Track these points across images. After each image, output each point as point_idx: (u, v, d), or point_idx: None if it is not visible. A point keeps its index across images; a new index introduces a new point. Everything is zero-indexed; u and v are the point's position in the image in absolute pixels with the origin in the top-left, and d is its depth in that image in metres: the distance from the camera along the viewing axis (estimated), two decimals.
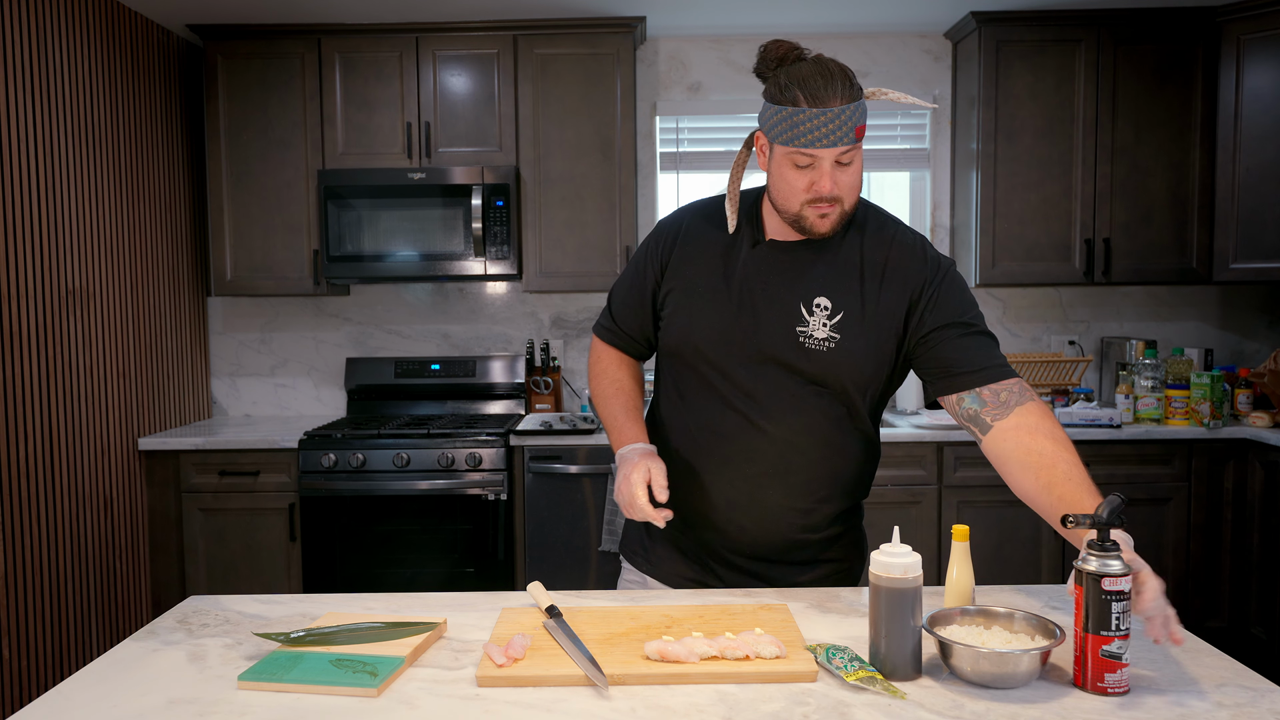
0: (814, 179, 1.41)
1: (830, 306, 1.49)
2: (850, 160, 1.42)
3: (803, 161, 1.41)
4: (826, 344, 1.48)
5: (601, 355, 1.73)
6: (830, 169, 1.40)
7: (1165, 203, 3.55)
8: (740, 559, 1.60)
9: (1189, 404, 3.40)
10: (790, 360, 1.49)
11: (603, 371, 1.70)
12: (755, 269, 1.53)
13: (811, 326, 1.49)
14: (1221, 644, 3.30)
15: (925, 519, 3.31)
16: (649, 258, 1.62)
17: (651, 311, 1.63)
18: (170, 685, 1.20)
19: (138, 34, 3.38)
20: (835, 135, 1.37)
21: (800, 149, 1.39)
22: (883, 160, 3.93)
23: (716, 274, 1.54)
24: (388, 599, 1.52)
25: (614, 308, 1.69)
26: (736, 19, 3.64)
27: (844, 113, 1.36)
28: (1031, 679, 1.16)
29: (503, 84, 3.52)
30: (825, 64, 1.40)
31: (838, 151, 1.39)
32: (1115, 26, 3.49)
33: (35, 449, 2.81)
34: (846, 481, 1.59)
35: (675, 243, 1.59)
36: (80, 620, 3.00)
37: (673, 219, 1.63)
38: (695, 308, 1.54)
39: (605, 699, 1.14)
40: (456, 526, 3.27)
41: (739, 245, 1.55)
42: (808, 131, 1.37)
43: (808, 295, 1.50)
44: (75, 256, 3.01)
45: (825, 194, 1.41)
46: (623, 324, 1.68)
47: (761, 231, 1.55)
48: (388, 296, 3.93)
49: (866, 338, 1.49)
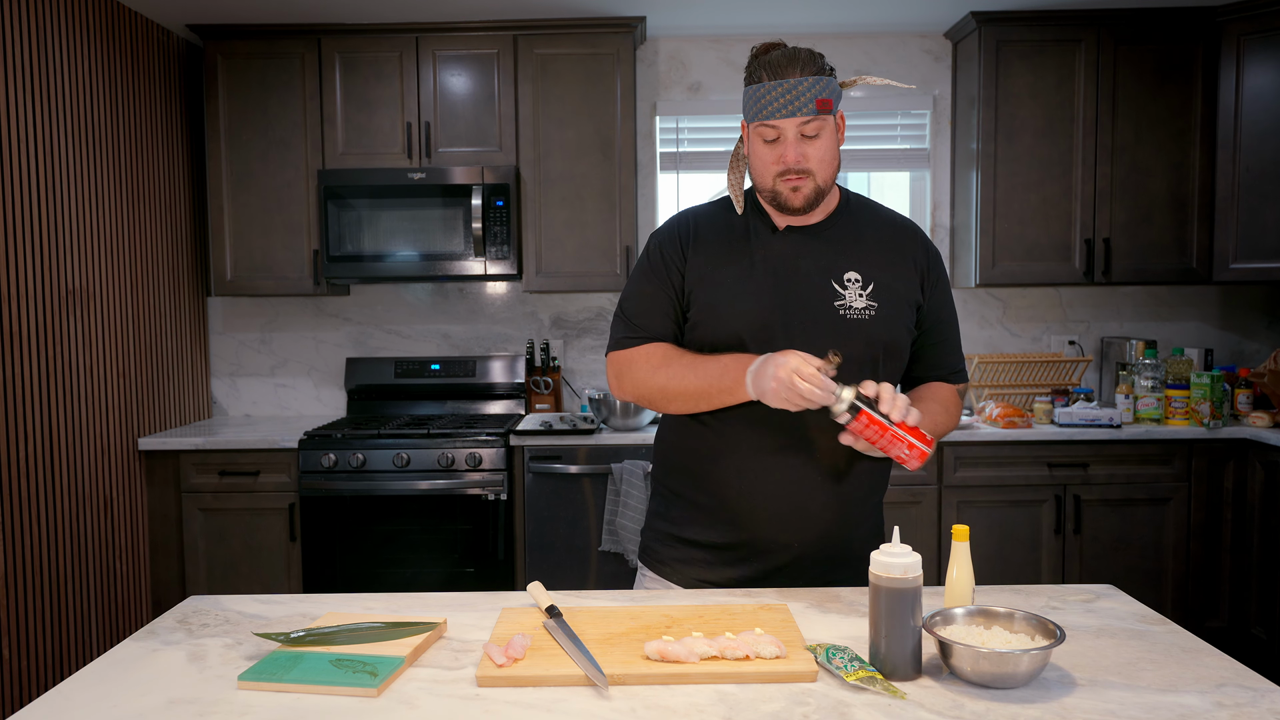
0: (781, 151, 1.47)
1: (861, 279, 1.53)
2: (816, 133, 1.47)
3: (769, 135, 1.47)
4: (867, 312, 1.52)
5: (634, 356, 1.60)
6: (795, 140, 1.46)
7: (1165, 203, 3.55)
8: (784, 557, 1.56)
9: (1189, 404, 3.40)
10: (834, 333, 1.50)
11: (652, 366, 1.57)
12: (779, 253, 1.55)
13: (849, 298, 1.52)
14: (1221, 644, 3.30)
15: (925, 519, 3.31)
16: (666, 263, 1.59)
17: (679, 314, 1.59)
18: (170, 685, 1.20)
19: (138, 34, 3.38)
20: (794, 105, 1.44)
21: (764, 121, 1.46)
22: (883, 160, 3.94)
23: (742, 264, 1.55)
24: (388, 599, 1.52)
25: (638, 320, 1.61)
26: (736, 19, 3.64)
27: (801, 84, 1.43)
28: (1031, 679, 1.16)
29: (503, 84, 3.52)
30: (795, 49, 1.47)
31: (799, 122, 1.45)
32: (1115, 26, 3.49)
33: (35, 449, 2.81)
34: (883, 470, 1.61)
35: (690, 242, 1.59)
36: (80, 620, 3.00)
37: (677, 223, 1.63)
38: (731, 295, 1.53)
39: (605, 699, 1.14)
40: (456, 526, 3.27)
41: (756, 234, 1.57)
42: (769, 104, 1.45)
43: (837, 271, 1.53)
44: (75, 256, 3.01)
45: (790, 164, 1.46)
46: (651, 330, 1.60)
47: (771, 221, 1.58)
48: (388, 296, 3.93)
49: (899, 305, 1.54)
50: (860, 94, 3.87)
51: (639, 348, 1.60)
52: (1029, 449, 3.31)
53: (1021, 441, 3.31)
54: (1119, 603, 1.48)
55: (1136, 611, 1.43)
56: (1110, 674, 1.20)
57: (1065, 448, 3.31)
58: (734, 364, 1.47)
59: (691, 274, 1.57)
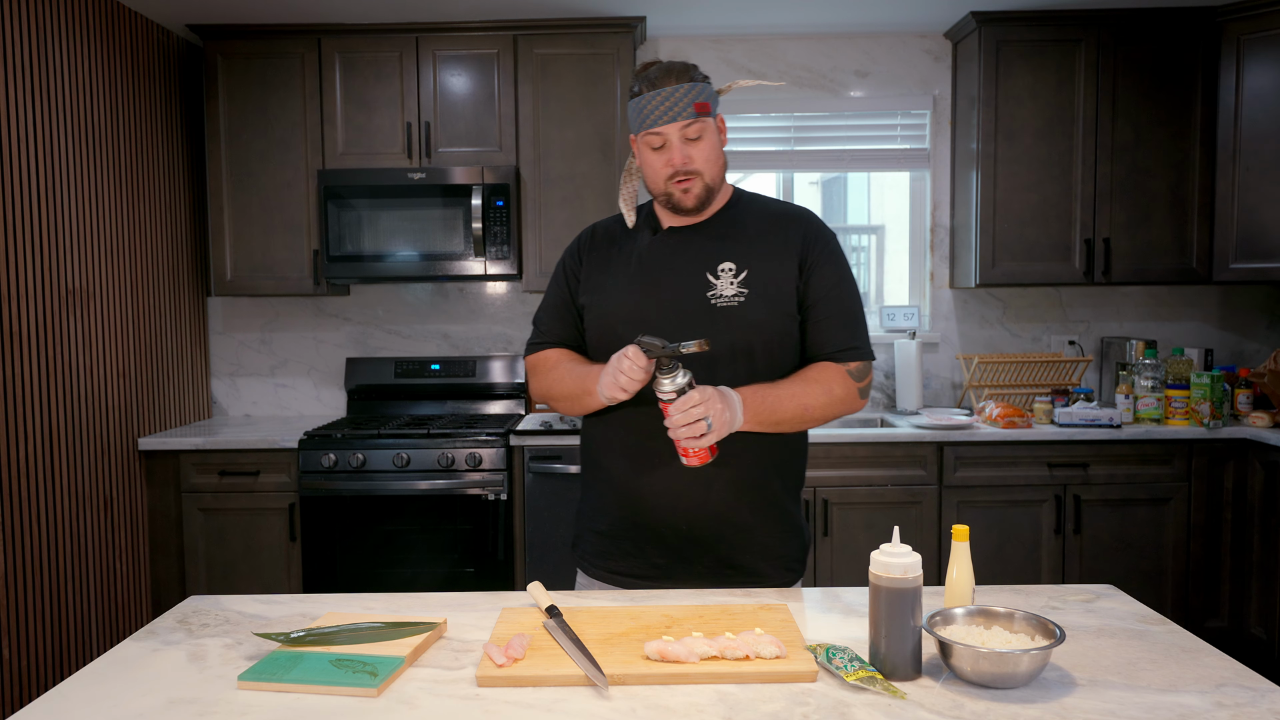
0: (668, 155, 1.57)
1: (735, 268, 1.60)
2: (698, 135, 1.57)
3: (656, 143, 1.57)
4: (736, 299, 1.58)
5: (535, 361, 1.75)
6: (679, 143, 1.56)
7: (1165, 203, 3.55)
8: (676, 541, 1.61)
9: (1189, 404, 3.40)
10: (704, 322, 1.57)
11: (545, 370, 1.71)
12: (657, 252, 1.65)
13: (720, 287, 1.59)
14: (1221, 644, 3.30)
15: (925, 519, 3.31)
16: (565, 272, 1.73)
17: (578, 318, 1.71)
18: (170, 685, 1.20)
19: (138, 34, 3.38)
20: (674, 111, 1.54)
21: (648, 130, 1.56)
22: (883, 160, 3.94)
23: (625, 265, 1.66)
24: (388, 599, 1.52)
25: (543, 326, 1.75)
26: (736, 19, 3.64)
27: (678, 90, 1.54)
28: (1031, 679, 1.16)
29: (503, 84, 3.52)
30: (669, 63, 1.58)
31: (680, 126, 1.55)
32: (1115, 27, 3.49)
33: (35, 449, 2.81)
34: (780, 454, 1.63)
35: (584, 252, 1.72)
36: (80, 620, 3.00)
37: (580, 235, 1.77)
38: (610, 296, 1.65)
39: (605, 699, 1.14)
40: (456, 526, 3.27)
41: (639, 238, 1.68)
42: (650, 112, 1.55)
43: (712, 263, 1.61)
44: (75, 256, 3.01)
45: (678, 166, 1.56)
46: (553, 335, 1.73)
47: (657, 224, 1.69)
48: (388, 296, 3.93)
49: (773, 291, 1.60)
50: (861, 94, 3.87)
51: (541, 353, 1.74)
52: (1029, 449, 3.31)
53: (1021, 441, 3.31)
54: (1119, 603, 1.48)
55: (1136, 611, 1.43)
56: (1110, 674, 1.20)
57: (1065, 448, 3.31)
58: (595, 370, 1.58)
59: (584, 281, 1.69)
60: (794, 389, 1.56)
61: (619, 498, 1.63)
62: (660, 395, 1.43)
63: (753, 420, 1.51)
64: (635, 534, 1.63)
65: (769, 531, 1.63)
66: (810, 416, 1.57)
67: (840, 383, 1.59)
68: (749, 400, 1.50)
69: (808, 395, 1.56)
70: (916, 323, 3.82)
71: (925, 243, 3.96)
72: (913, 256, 4.00)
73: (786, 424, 1.56)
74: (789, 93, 3.86)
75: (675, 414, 1.42)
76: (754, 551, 1.62)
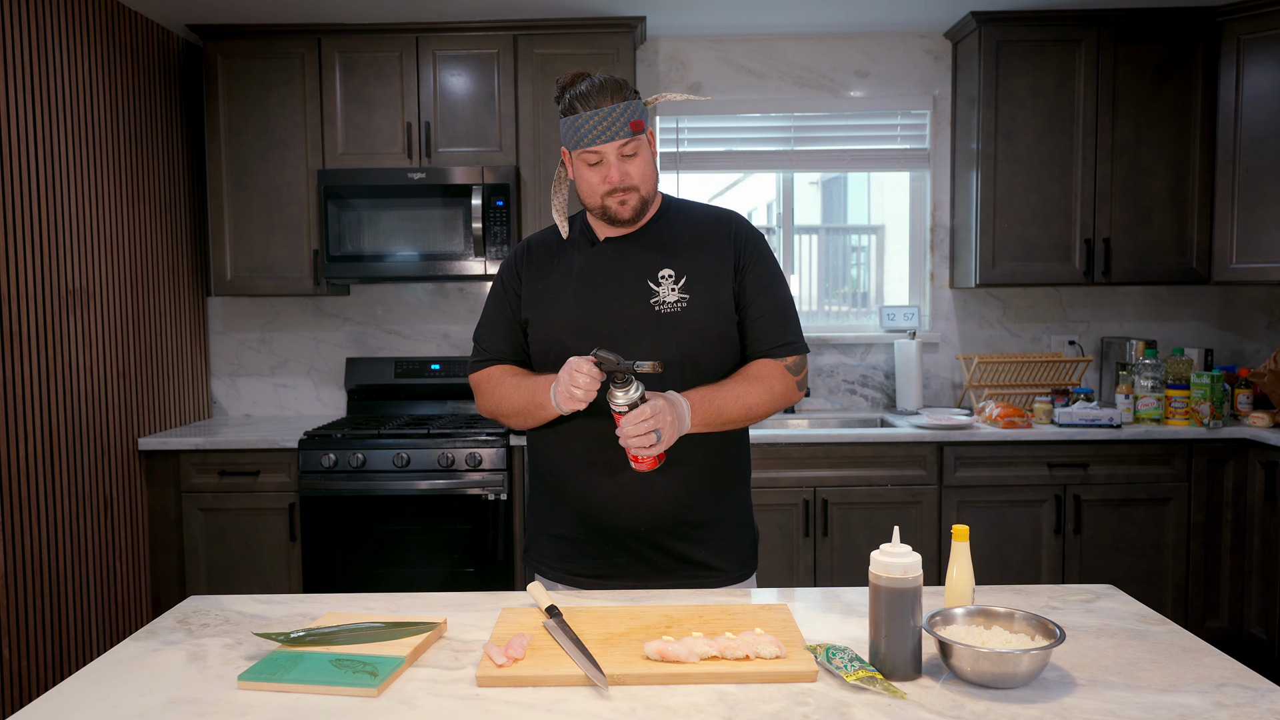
0: (605, 173, 1.59)
1: (674, 273, 1.64)
2: (634, 151, 1.59)
3: (592, 159, 1.59)
4: (679, 305, 1.62)
5: (480, 379, 1.74)
6: (617, 161, 1.59)
7: (1165, 203, 3.55)
8: (633, 542, 1.65)
9: (1189, 404, 3.40)
10: (650, 329, 1.61)
11: (491, 387, 1.71)
12: (597, 262, 1.68)
13: (662, 293, 1.63)
14: (1221, 644, 3.30)
15: (925, 519, 3.31)
16: (504, 289, 1.74)
17: (519, 334, 1.72)
18: (170, 685, 1.20)
19: (138, 34, 3.38)
20: (611, 130, 1.56)
21: (586, 149, 1.58)
22: (883, 160, 3.94)
23: (565, 276, 1.68)
24: (388, 599, 1.53)
25: (485, 343, 1.75)
26: (736, 19, 3.64)
27: (614, 110, 1.56)
28: (1031, 679, 1.16)
29: (503, 84, 3.52)
30: (601, 80, 1.59)
31: (618, 145, 1.57)
32: (1115, 26, 3.49)
33: (35, 449, 2.81)
34: (722, 454, 1.68)
35: (522, 268, 1.73)
36: (80, 620, 3.00)
37: (516, 249, 1.78)
38: (554, 310, 1.67)
39: (605, 699, 1.14)
40: (456, 526, 3.27)
41: (577, 249, 1.71)
42: (588, 132, 1.56)
43: (652, 270, 1.65)
44: (75, 256, 3.01)
45: (616, 184, 1.59)
46: (495, 352, 1.73)
47: (593, 235, 1.71)
48: (388, 296, 3.93)
49: (712, 294, 1.64)
50: (860, 94, 3.87)
51: (485, 370, 1.74)
52: (1029, 449, 3.31)
53: (1021, 441, 3.31)
54: (1119, 603, 1.48)
55: (1136, 611, 1.43)
56: (1110, 674, 1.20)
57: (1065, 448, 3.31)
58: (545, 382, 1.60)
59: (524, 294, 1.71)
60: (737, 389, 1.61)
61: (577, 503, 1.67)
62: (614, 407, 1.48)
63: (700, 423, 1.57)
64: (594, 537, 1.67)
65: (722, 527, 1.70)
66: (754, 414, 1.63)
67: (780, 379, 1.65)
68: (696, 404, 1.56)
69: (750, 395, 1.62)
70: (916, 323, 3.82)
71: (925, 243, 3.96)
72: (913, 256, 4.00)
73: (732, 423, 1.62)
74: (789, 93, 3.86)
75: (627, 425, 1.47)
76: (709, 546, 1.68)
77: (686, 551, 1.67)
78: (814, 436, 3.28)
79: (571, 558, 1.70)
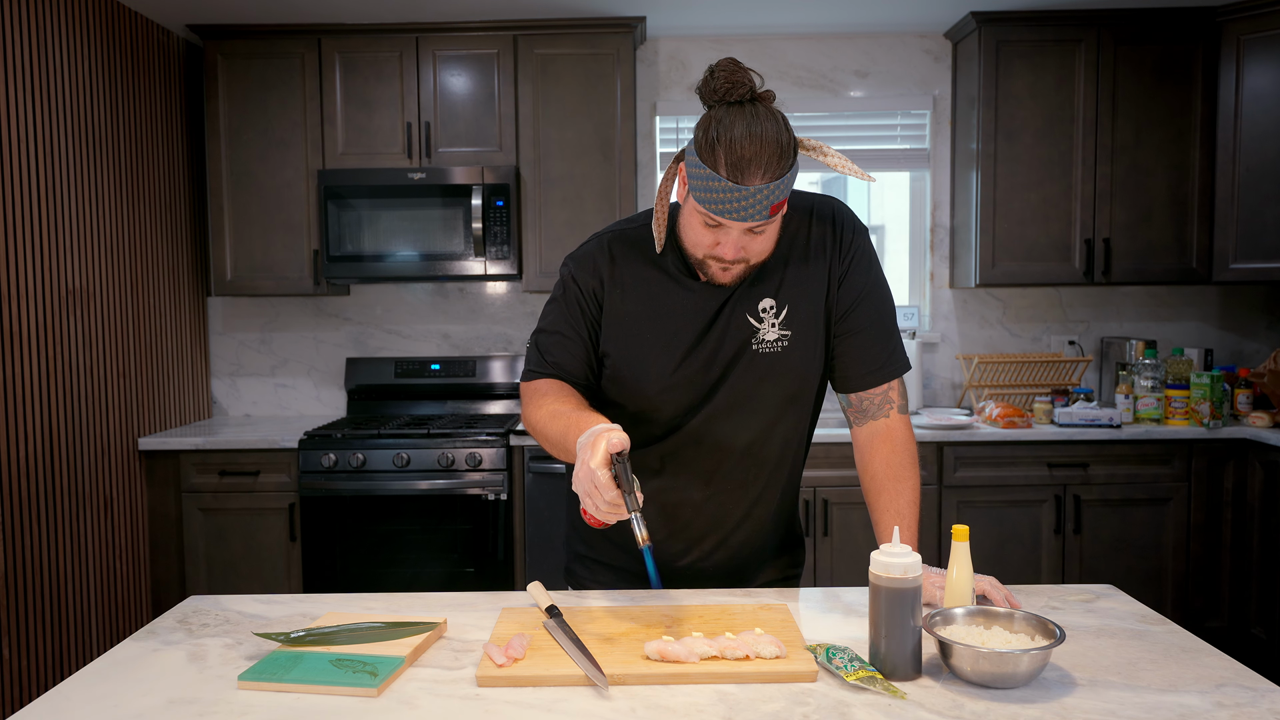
0: (720, 239, 1.35)
1: (774, 305, 1.46)
2: (763, 230, 1.35)
3: (712, 222, 1.34)
4: (779, 344, 1.46)
5: (529, 391, 1.51)
6: (738, 237, 1.34)
7: (1165, 203, 3.55)
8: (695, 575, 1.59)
9: (1189, 404, 3.40)
10: (747, 377, 1.46)
11: (537, 403, 1.46)
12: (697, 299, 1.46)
13: (763, 331, 1.46)
14: (1221, 644, 3.30)
15: (925, 519, 3.31)
16: (581, 302, 1.49)
17: (590, 353, 1.51)
18: (170, 685, 1.20)
19: (138, 34, 3.38)
20: (748, 213, 1.30)
21: (712, 216, 1.32)
22: (883, 160, 3.94)
23: (654, 308, 1.47)
24: (388, 599, 1.52)
25: (547, 354, 1.51)
26: (736, 19, 3.64)
27: (760, 192, 1.28)
28: (1031, 679, 1.16)
29: (503, 84, 3.52)
30: (759, 128, 1.28)
31: (748, 225, 1.33)
32: (1115, 26, 3.49)
33: (35, 449, 2.81)
34: (792, 481, 1.61)
35: (606, 278, 1.49)
36: (80, 620, 3.00)
37: (588, 251, 1.51)
38: (646, 362, 1.47)
39: (605, 699, 1.14)
40: (456, 526, 3.27)
41: (667, 270, 1.47)
42: (721, 202, 1.29)
43: (752, 302, 1.46)
44: (75, 256, 3.01)
45: (727, 258, 1.36)
46: (557, 367, 1.50)
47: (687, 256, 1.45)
48: (388, 296, 3.93)
49: (814, 326, 1.48)
50: (861, 94, 3.87)
51: (537, 382, 1.51)
52: (1029, 449, 3.31)
53: (1021, 441, 3.31)
54: (1119, 603, 1.48)
55: (1136, 611, 1.43)
56: (1110, 674, 1.20)
57: (1065, 448, 3.31)
58: (574, 427, 1.34)
59: (606, 323, 1.49)
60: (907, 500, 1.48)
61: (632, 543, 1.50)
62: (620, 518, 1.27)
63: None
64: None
65: (780, 551, 1.65)
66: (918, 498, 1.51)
67: (906, 440, 1.51)
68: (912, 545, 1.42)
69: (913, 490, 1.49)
70: (916, 323, 3.82)
71: (925, 243, 3.96)
72: (913, 256, 4.00)
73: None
74: (789, 93, 3.86)
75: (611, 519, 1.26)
76: (767, 571, 1.64)
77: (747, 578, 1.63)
78: (814, 437, 3.27)
79: (624, 584, 1.62)
